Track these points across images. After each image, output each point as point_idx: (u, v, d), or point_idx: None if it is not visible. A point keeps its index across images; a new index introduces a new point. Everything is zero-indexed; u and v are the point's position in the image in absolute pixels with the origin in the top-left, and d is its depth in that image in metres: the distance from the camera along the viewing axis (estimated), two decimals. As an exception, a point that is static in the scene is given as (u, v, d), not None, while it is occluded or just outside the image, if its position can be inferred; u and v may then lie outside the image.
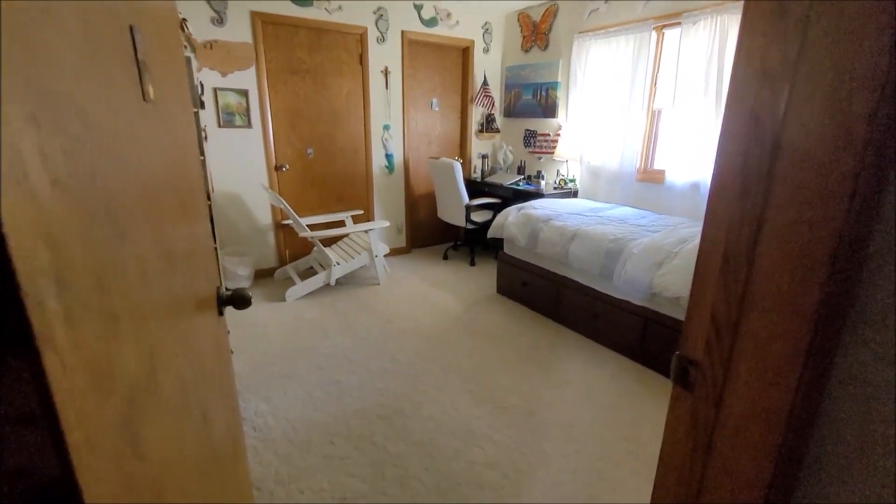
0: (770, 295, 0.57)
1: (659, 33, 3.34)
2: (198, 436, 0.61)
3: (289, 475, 1.71)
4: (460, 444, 1.89)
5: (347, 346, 2.70)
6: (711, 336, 0.65)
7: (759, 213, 0.56)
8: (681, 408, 0.71)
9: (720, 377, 0.65)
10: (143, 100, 0.52)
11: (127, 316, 0.38)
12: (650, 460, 1.81)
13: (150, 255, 0.48)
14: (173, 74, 0.74)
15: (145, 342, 0.43)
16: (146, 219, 0.48)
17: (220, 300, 0.92)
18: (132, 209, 0.43)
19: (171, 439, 0.48)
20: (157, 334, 0.47)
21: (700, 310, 0.67)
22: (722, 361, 0.64)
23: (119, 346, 0.36)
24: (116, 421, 0.33)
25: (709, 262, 0.64)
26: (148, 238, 0.48)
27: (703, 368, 0.67)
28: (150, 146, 0.53)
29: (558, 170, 4.27)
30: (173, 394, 0.51)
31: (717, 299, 0.63)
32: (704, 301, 0.66)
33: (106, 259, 0.35)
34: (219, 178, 3.40)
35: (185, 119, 0.79)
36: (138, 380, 0.39)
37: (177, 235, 0.62)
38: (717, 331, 0.64)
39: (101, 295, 0.33)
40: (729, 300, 0.62)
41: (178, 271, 0.59)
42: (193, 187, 0.80)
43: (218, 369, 0.85)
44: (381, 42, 3.94)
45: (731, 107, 0.59)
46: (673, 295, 2.17)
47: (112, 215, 0.37)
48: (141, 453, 0.38)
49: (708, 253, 0.64)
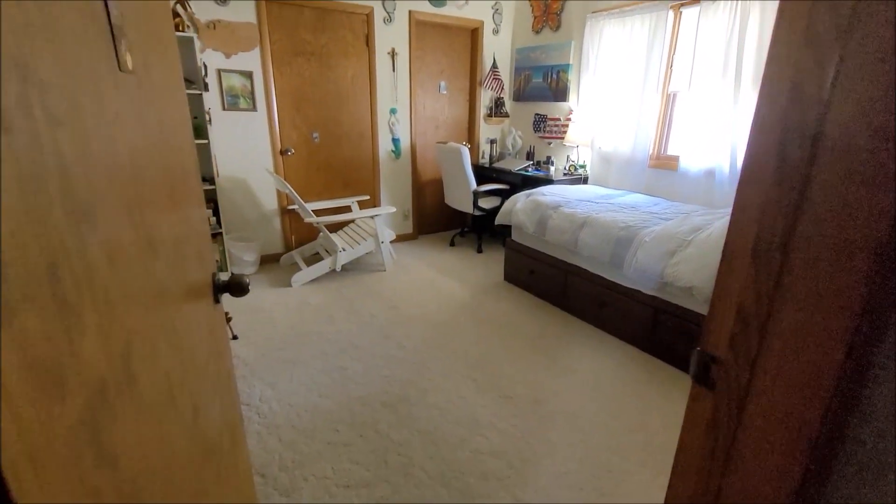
0: (807, 288, 0.52)
1: (676, 13, 3.21)
2: (186, 431, 0.58)
3: (293, 461, 1.70)
4: (465, 432, 1.87)
5: (353, 332, 2.69)
6: (737, 331, 0.60)
7: (798, 197, 0.51)
8: (700, 407, 0.67)
9: (745, 376, 0.60)
10: (118, 69, 0.47)
11: (91, 307, 0.34)
12: (658, 452, 1.78)
13: (126, 241, 0.44)
14: (161, 46, 0.69)
15: (117, 335, 0.39)
16: (121, 201, 0.44)
17: (215, 287, 0.89)
18: (101, 190, 0.39)
19: (151, 438, 0.45)
20: (133, 326, 0.43)
21: (725, 303, 0.62)
22: (748, 359, 0.59)
23: (80, 342, 0.32)
24: (74, 427, 0.29)
25: (737, 251, 0.59)
26: (123, 222, 0.44)
27: (727, 366, 0.62)
28: (127, 121, 0.48)
29: (568, 155, 4.17)
30: (155, 389, 0.47)
31: (746, 292, 0.58)
32: (730, 294, 0.61)
33: (62, 244, 0.31)
34: (224, 162, 3.36)
35: (175, 96, 0.74)
36: (107, 378, 0.36)
37: (162, 220, 0.58)
38: (743, 326, 0.59)
39: (54, 284, 0.29)
40: (759, 293, 0.57)
41: (162, 258, 0.55)
42: (185, 169, 0.75)
43: (213, 358, 0.82)
44: (387, 22, 3.83)
45: (770, 78, 0.53)
46: (685, 284, 2.11)
47: (71, 196, 0.33)
48: (109, 460, 0.34)
49: (736, 241, 0.59)
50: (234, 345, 2.52)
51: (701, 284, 2.05)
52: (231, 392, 0.95)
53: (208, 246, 0.89)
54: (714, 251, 2.08)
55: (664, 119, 3.45)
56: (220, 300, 0.91)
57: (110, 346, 0.37)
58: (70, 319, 0.31)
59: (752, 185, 0.56)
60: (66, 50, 0.35)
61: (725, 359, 0.63)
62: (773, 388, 0.57)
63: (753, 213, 0.57)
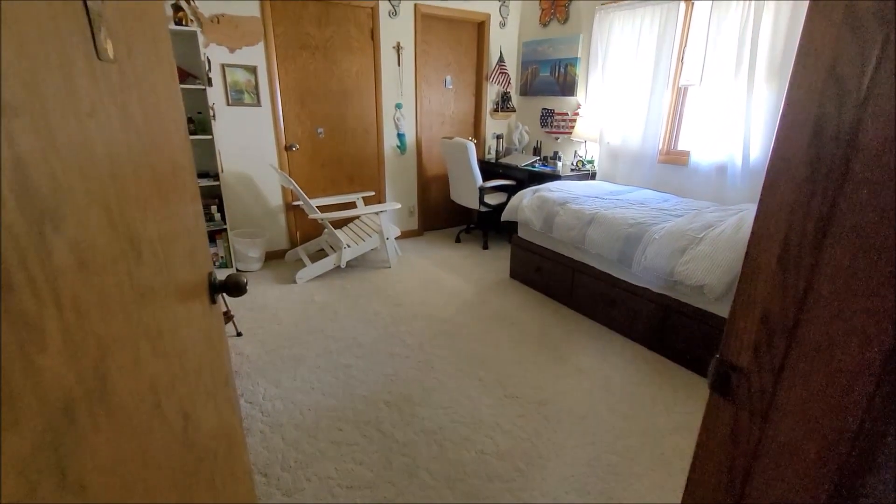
0: (840, 296, 0.47)
1: (688, 5, 3.12)
2: (175, 441, 0.55)
3: (296, 461, 1.69)
4: (470, 433, 1.85)
5: (357, 329, 2.67)
6: (761, 339, 0.56)
7: (832, 197, 0.47)
8: (719, 418, 0.63)
9: (769, 387, 0.56)
10: (96, 58, 0.44)
11: (55, 318, 0.31)
12: (668, 455, 1.74)
13: (102, 243, 0.40)
14: (151, 35, 0.66)
15: (89, 346, 0.36)
16: (97, 199, 0.40)
17: (212, 287, 0.86)
18: (70, 187, 0.35)
19: (131, 454, 0.42)
20: (110, 333, 0.40)
21: (748, 309, 0.58)
22: (773, 369, 0.55)
23: (40, 357, 0.29)
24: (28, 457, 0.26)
25: (762, 255, 0.55)
26: (98, 222, 0.40)
27: (749, 376, 0.58)
28: (106, 113, 0.45)
29: (576, 151, 4.11)
30: (136, 400, 0.44)
31: (772, 299, 0.54)
32: (754, 300, 0.57)
33: (16, 248, 0.27)
34: (228, 157, 3.34)
35: (166, 87, 0.71)
36: (75, 394, 0.33)
37: (148, 218, 0.55)
38: (768, 333, 0.55)
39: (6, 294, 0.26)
40: (786, 299, 0.52)
41: (147, 259, 0.52)
42: (177, 164, 0.72)
43: (209, 361, 0.79)
44: (393, 16, 3.78)
45: (802, 68, 0.48)
46: (696, 283, 2.06)
47: (29, 194, 0.30)
48: (77, 482, 0.31)
49: (762, 242, 0.55)
50: (239, 342, 2.51)
51: (713, 283, 2.00)
52: (229, 395, 0.92)
53: (203, 244, 0.86)
54: (726, 249, 2.03)
55: (674, 113, 3.37)
56: (216, 300, 0.88)
57: (80, 358, 0.34)
58: (26, 333, 0.28)
59: (780, 186, 0.52)
60: (26, 35, 0.32)
61: (748, 368, 0.58)
62: (800, 400, 0.53)
63: (781, 215, 0.52)
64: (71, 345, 0.33)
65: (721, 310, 2.09)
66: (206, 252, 0.88)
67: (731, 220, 2.25)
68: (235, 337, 2.55)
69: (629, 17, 3.40)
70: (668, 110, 3.35)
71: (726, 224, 2.20)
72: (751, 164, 2.82)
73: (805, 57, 0.48)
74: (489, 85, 4.52)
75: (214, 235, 3.27)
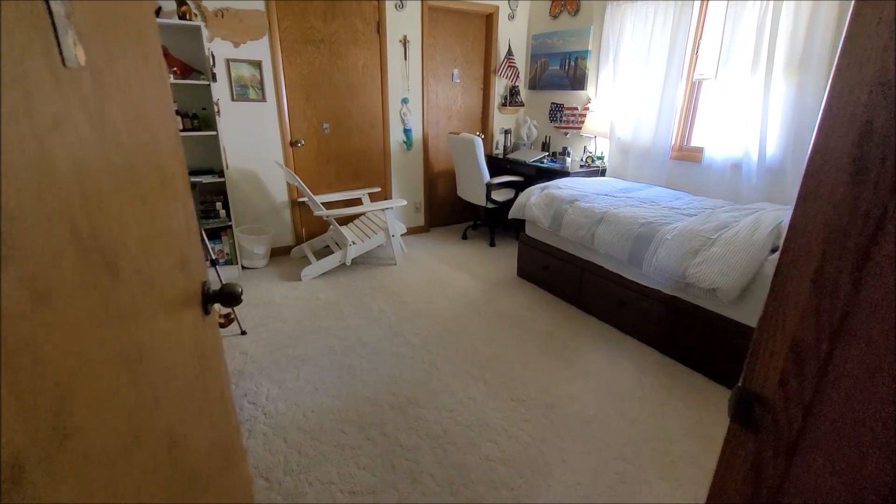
0: (883, 327, 0.43)
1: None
2: (158, 468, 0.52)
3: (298, 464, 1.67)
4: (475, 437, 1.81)
5: (362, 328, 2.64)
6: (790, 370, 0.52)
7: (879, 212, 0.42)
8: (740, 451, 0.58)
9: (798, 421, 0.51)
10: (61, 65, 0.40)
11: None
12: (678, 462, 1.69)
13: (67, 270, 0.37)
14: (134, 35, 0.62)
15: (46, 390, 0.32)
16: (60, 221, 0.37)
17: (205, 297, 0.83)
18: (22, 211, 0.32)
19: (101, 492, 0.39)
20: (77, 372, 0.37)
21: (775, 336, 0.53)
22: (802, 402, 0.51)
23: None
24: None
25: (793, 276, 0.50)
26: (63, 247, 0.37)
27: (775, 408, 0.53)
28: (73, 124, 0.41)
29: (585, 146, 4.03)
30: (108, 435, 0.41)
31: (803, 325, 0.49)
32: (782, 325, 0.52)
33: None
34: (233, 153, 3.32)
35: (153, 89, 0.67)
36: (24, 449, 0.29)
37: (129, 234, 0.51)
38: (798, 364, 0.50)
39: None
40: (820, 328, 0.48)
41: (126, 278, 0.49)
42: (166, 170, 0.69)
43: (202, 376, 0.76)
44: (399, 9, 3.72)
45: (847, 62, 0.43)
46: (709, 286, 2.00)
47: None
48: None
49: (794, 260, 0.50)
50: (243, 340, 2.50)
51: (726, 286, 1.94)
52: (226, 409, 0.89)
53: (196, 253, 0.83)
54: (741, 251, 1.96)
55: (688, 108, 3.28)
56: (210, 310, 0.85)
57: (33, 406, 0.31)
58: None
59: (818, 197, 0.47)
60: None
61: (773, 400, 0.54)
62: (831, 439, 0.49)
63: (817, 230, 0.47)
64: (22, 393, 0.30)
65: (735, 313, 2.02)
66: (200, 260, 0.85)
67: (746, 220, 2.17)
68: (240, 336, 2.54)
69: (642, 9, 3.30)
70: (681, 105, 3.26)
71: (741, 225, 2.13)
72: (767, 161, 2.74)
73: (851, 51, 0.43)
74: (497, 79, 4.44)
75: (220, 232, 3.26)
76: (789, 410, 0.52)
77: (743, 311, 1.99)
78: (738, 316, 2.01)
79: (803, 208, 0.49)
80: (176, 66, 2.86)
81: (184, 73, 2.91)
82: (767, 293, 0.54)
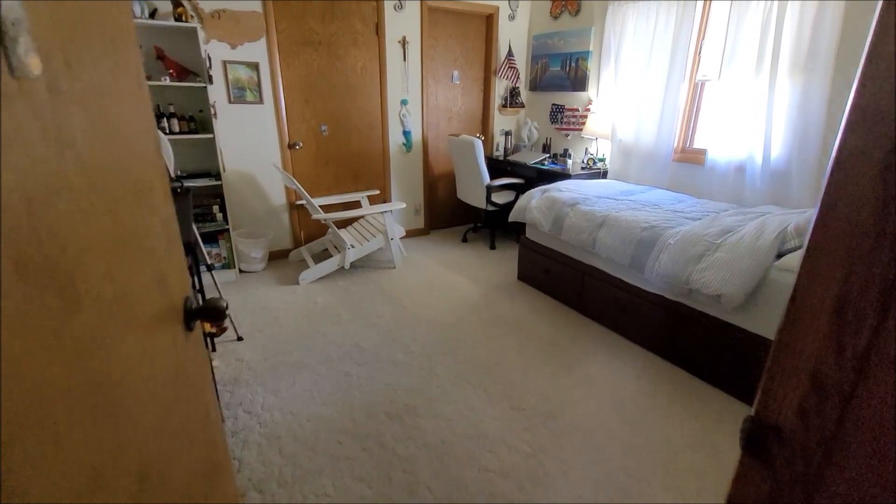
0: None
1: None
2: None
3: (292, 476, 1.63)
4: (474, 447, 1.77)
5: (359, 333, 2.60)
6: (809, 401, 0.48)
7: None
8: (751, 485, 0.54)
9: (817, 456, 0.47)
10: (10, 76, 0.37)
11: None
12: (682, 475, 1.65)
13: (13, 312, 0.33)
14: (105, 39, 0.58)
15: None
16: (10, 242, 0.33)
17: (187, 313, 0.79)
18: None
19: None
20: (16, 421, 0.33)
21: (792, 363, 0.49)
22: (822, 436, 0.47)
23: None
24: None
25: (812, 302, 0.46)
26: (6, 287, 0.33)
27: (792, 441, 0.49)
28: (21, 143, 0.37)
29: (587, 148, 3.99)
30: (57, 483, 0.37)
31: (825, 354, 0.45)
32: (801, 351, 0.48)
33: None
34: (230, 156, 3.29)
35: (130, 97, 0.64)
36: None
37: (92, 258, 0.47)
38: (819, 396, 0.46)
39: None
40: (843, 357, 0.44)
41: (88, 306, 0.45)
42: (142, 185, 0.65)
43: (182, 400, 0.72)
44: (398, 9, 3.68)
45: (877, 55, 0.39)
46: (713, 293, 1.95)
47: None
48: None
49: (812, 289, 0.46)
50: (239, 347, 2.46)
51: (731, 293, 1.90)
52: (210, 431, 0.85)
53: (178, 267, 0.79)
54: (746, 257, 1.92)
55: (691, 109, 3.24)
56: (194, 327, 0.81)
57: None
58: None
59: (841, 213, 0.43)
60: None
61: (790, 432, 0.50)
62: (856, 479, 0.45)
63: (839, 251, 0.43)
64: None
65: (740, 320, 1.98)
66: (182, 275, 0.81)
67: (751, 224, 2.13)
68: (236, 341, 2.50)
69: (644, 9, 3.26)
70: (683, 106, 3.22)
71: (746, 229, 2.09)
72: (772, 163, 2.69)
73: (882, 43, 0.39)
74: (497, 80, 4.40)
75: (217, 236, 3.23)
76: (807, 446, 0.48)
77: (748, 318, 1.95)
78: (743, 322, 1.97)
79: (824, 226, 0.45)
80: (172, 69, 2.83)
81: (180, 75, 2.88)
82: (783, 316, 0.50)
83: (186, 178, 3.00)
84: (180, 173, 3.03)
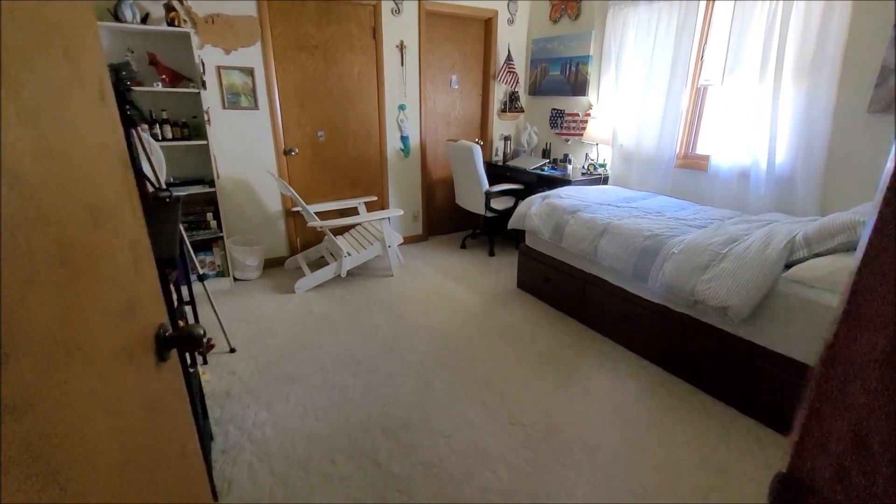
0: None
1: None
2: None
3: (284, 497, 1.57)
4: (472, 465, 1.71)
5: (355, 344, 2.54)
6: (849, 456, 0.42)
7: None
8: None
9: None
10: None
11: None
12: (688, 495, 1.58)
13: None
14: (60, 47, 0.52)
15: None
16: None
17: (160, 342, 0.73)
18: None
19: None
20: None
21: (833, 415, 0.43)
22: (868, 497, 0.41)
23: None
24: None
25: (857, 354, 0.40)
26: None
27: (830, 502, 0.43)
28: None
29: (587, 153, 3.94)
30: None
31: (873, 409, 0.39)
32: (843, 403, 0.42)
33: None
34: (225, 162, 3.23)
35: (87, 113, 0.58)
36: None
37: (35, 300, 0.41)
38: (863, 455, 0.40)
39: None
40: (892, 415, 0.38)
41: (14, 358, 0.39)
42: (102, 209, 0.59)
43: (155, 436, 0.66)
44: (396, 14, 3.64)
45: None
46: (719, 304, 1.90)
47: None
48: None
49: (856, 340, 0.40)
50: (232, 359, 2.40)
51: (737, 305, 1.84)
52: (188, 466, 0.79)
53: (150, 292, 0.73)
54: (753, 267, 1.86)
55: (693, 114, 3.19)
56: (168, 357, 0.75)
57: None
58: None
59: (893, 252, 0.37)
60: None
61: (828, 492, 0.44)
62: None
63: (889, 296, 0.37)
64: None
65: (747, 333, 1.92)
66: (154, 299, 0.75)
67: (758, 233, 2.07)
68: (229, 353, 2.44)
69: (645, 12, 3.22)
70: (685, 111, 3.17)
71: (752, 238, 2.03)
72: (776, 169, 2.64)
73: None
74: (496, 84, 4.36)
75: (211, 243, 3.17)
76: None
77: (755, 331, 1.89)
78: (751, 335, 1.91)
79: (873, 261, 0.39)
80: (165, 74, 2.78)
81: (173, 80, 2.83)
82: (818, 364, 0.44)
83: (179, 186, 2.95)
84: (172, 180, 2.98)
